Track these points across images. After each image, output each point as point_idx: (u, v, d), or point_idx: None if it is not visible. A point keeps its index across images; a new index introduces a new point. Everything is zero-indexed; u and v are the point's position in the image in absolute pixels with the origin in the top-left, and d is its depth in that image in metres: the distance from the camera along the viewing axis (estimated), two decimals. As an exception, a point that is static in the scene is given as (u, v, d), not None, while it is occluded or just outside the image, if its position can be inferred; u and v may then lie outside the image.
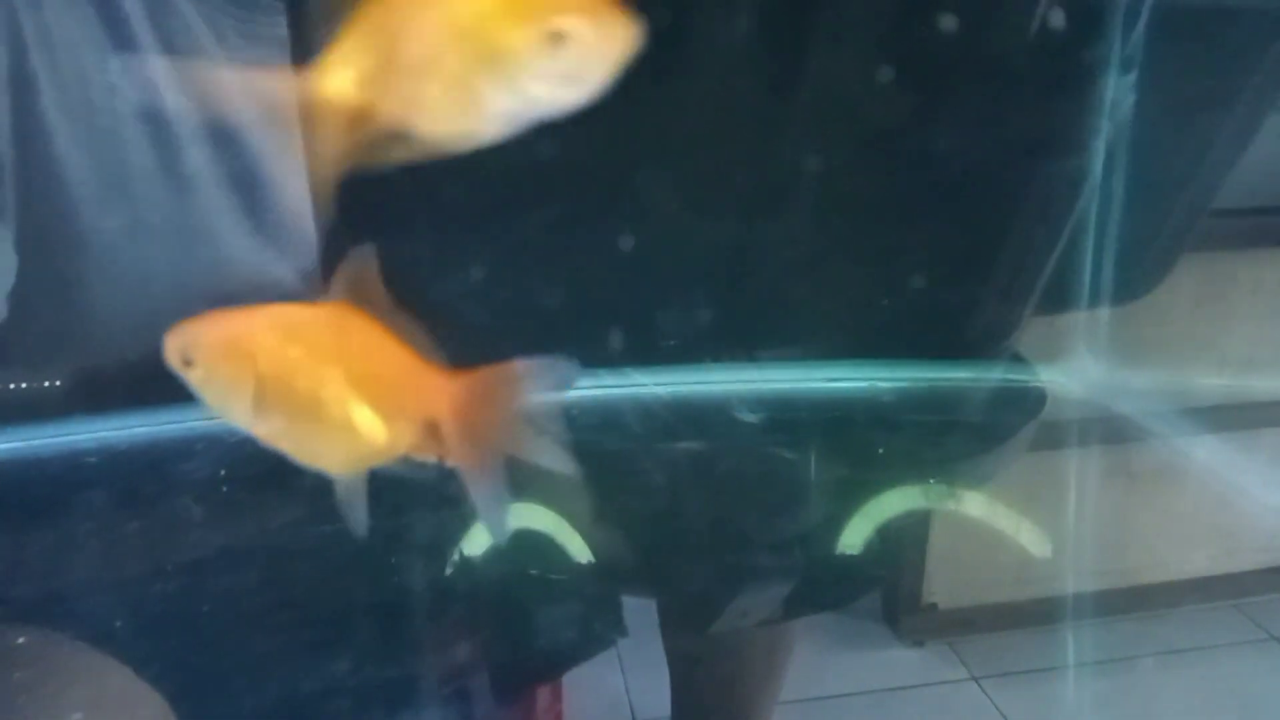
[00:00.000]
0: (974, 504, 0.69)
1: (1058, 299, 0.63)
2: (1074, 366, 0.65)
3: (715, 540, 0.69)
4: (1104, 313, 0.66)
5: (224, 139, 0.65)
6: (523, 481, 0.66)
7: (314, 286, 0.68)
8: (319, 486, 0.57)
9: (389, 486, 0.61)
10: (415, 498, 0.61)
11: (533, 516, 0.65)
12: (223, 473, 0.58)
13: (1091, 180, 0.57)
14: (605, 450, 0.66)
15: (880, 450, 0.67)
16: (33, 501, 0.58)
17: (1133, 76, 0.55)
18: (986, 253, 0.60)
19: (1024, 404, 0.68)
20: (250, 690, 0.60)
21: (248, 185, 0.67)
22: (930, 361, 0.65)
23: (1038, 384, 0.69)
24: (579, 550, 0.65)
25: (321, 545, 0.59)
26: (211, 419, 0.58)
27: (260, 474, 0.58)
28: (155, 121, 0.63)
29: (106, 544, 0.57)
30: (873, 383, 0.66)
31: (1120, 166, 0.57)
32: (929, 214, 0.60)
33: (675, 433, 0.65)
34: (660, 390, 0.65)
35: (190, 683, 0.58)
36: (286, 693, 0.61)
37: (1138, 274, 0.65)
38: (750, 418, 0.65)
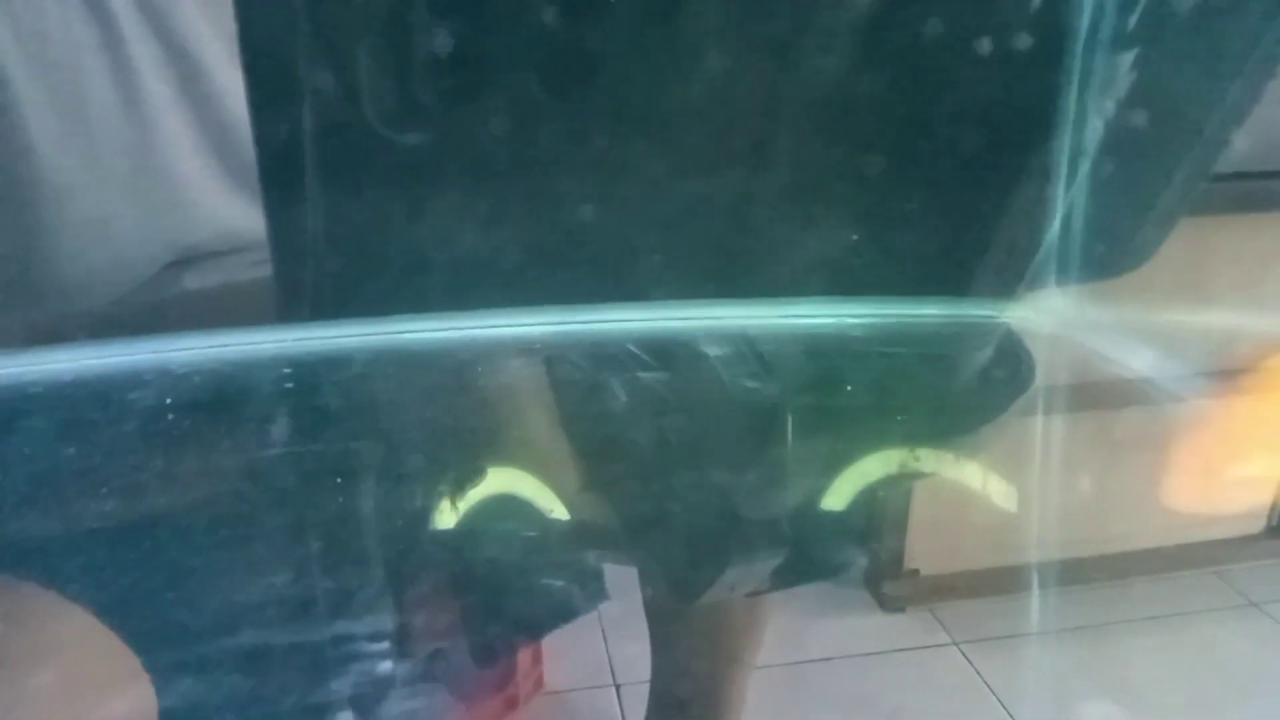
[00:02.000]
0: (955, 470, 0.69)
1: (1047, 274, 0.63)
2: (1042, 302, 0.64)
3: (701, 511, 0.69)
4: (1092, 288, 0.65)
5: (189, 77, 0.63)
6: (503, 445, 0.66)
7: None
8: (268, 414, 0.57)
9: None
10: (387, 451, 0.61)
11: (513, 480, 0.64)
12: (169, 401, 0.57)
13: (1084, 160, 0.57)
14: (587, 411, 0.66)
15: (869, 420, 0.67)
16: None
17: (1131, 55, 0.55)
18: (975, 231, 0.60)
19: (1015, 379, 0.68)
20: (203, 632, 0.60)
21: (214, 127, 0.65)
22: (924, 330, 0.65)
23: (1029, 359, 0.68)
24: (560, 514, 0.65)
25: (276, 470, 0.59)
26: (159, 351, 0.58)
27: (207, 402, 0.58)
28: (116, 56, 0.61)
29: (49, 470, 0.56)
30: (862, 348, 0.65)
31: (1115, 145, 0.57)
32: (914, 191, 0.59)
33: (659, 397, 0.65)
34: (644, 355, 0.64)
35: (138, 615, 0.58)
36: (241, 640, 0.60)
37: (1128, 250, 0.65)
38: (737, 379, 0.65)
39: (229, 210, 0.66)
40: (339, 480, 0.61)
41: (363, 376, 0.60)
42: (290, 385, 0.60)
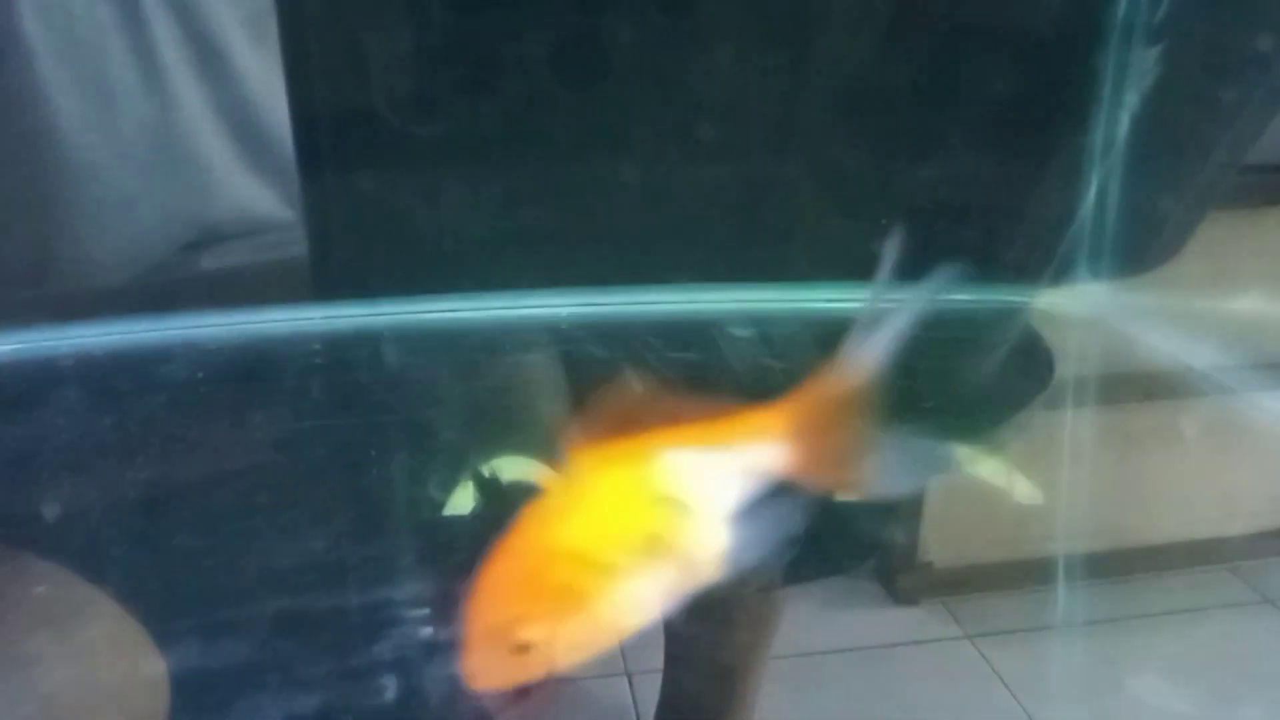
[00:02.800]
0: (974, 465, 0.68)
1: (1072, 269, 0.63)
2: (1076, 288, 0.64)
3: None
4: (1118, 284, 0.65)
5: (210, 59, 0.64)
6: (517, 432, 0.65)
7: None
8: (298, 388, 0.57)
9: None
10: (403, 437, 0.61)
11: (521, 468, 0.64)
12: (200, 375, 0.58)
13: (1112, 152, 0.56)
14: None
15: (887, 411, 0.67)
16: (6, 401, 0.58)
17: (1159, 48, 0.54)
18: (999, 225, 0.60)
19: (1034, 377, 0.68)
20: (226, 601, 0.60)
21: (234, 109, 0.65)
22: (944, 325, 0.64)
23: (1049, 357, 0.68)
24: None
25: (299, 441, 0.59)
26: (189, 326, 0.58)
27: (238, 375, 0.58)
28: (138, 37, 0.62)
29: (80, 439, 0.57)
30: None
31: (1142, 140, 0.56)
32: (939, 181, 0.59)
33: (674, 384, 0.65)
34: (658, 342, 0.64)
35: (161, 588, 0.58)
36: (262, 609, 0.60)
37: (1155, 246, 0.64)
38: (751, 366, 0.64)
39: (247, 191, 0.67)
40: (358, 457, 0.61)
41: (379, 357, 0.60)
42: (316, 362, 0.61)
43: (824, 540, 0.73)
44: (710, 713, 1.00)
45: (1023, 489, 0.73)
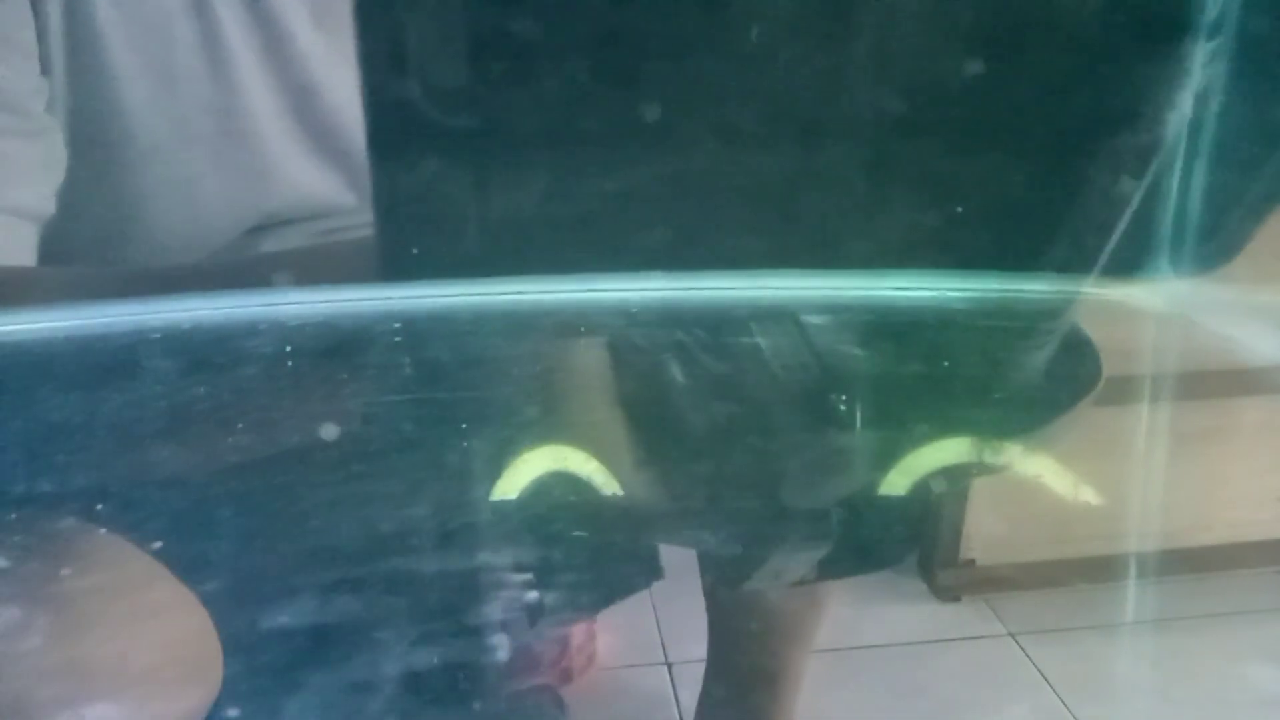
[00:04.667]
0: (1020, 464, 0.68)
1: (1126, 267, 0.62)
2: (1156, 283, 0.63)
3: (748, 498, 0.69)
4: (1185, 279, 0.64)
5: (274, 44, 0.64)
6: (556, 422, 0.66)
7: (363, 203, 0.68)
8: (386, 365, 0.57)
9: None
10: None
11: (566, 458, 0.64)
12: (288, 349, 0.58)
13: (1168, 149, 0.55)
14: (642, 395, 0.66)
15: (933, 406, 0.66)
16: (95, 374, 0.58)
17: (1218, 42, 0.53)
18: (1046, 221, 0.59)
19: (1081, 376, 0.67)
20: (297, 569, 0.61)
21: (298, 94, 0.66)
22: (988, 322, 0.64)
23: (1095, 356, 0.67)
24: (615, 493, 0.65)
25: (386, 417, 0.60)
26: (273, 303, 0.59)
27: (327, 349, 0.59)
28: (204, 21, 0.62)
29: (171, 410, 0.57)
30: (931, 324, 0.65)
31: (1201, 137, 0.55)
32: (987, 178, 0.59)
33: (718, 377, 0.65)
34: (704, 333, 0.64)
35: (237, 556, 0.59)
36: (333, 579, 0.62)
37: (1213, 246, 0.63)
38: (794, 362, 0.64)
39: (308, 176, 0.68)
40: (418, 435, 0.61)
41: (439, 340, 0.61)
42: (396, 340, 0.60)
43: (864, 535, 0.73)
44: (752, 705, 1.00)
45: (1069, 487, 0.72)
